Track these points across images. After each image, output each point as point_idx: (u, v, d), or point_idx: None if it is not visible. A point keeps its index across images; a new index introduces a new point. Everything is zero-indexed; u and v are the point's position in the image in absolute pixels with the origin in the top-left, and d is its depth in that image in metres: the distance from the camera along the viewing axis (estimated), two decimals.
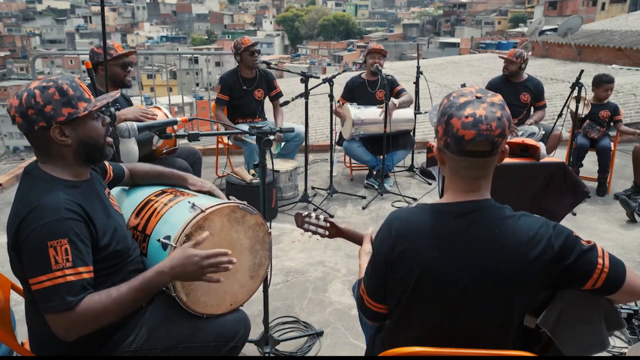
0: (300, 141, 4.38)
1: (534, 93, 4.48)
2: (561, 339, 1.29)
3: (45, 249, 1.29)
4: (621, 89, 7.36)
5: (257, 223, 1.82)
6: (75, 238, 1.33)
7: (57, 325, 1.31)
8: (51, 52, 17.94)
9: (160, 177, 1.97)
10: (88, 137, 1.45)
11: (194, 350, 1.62)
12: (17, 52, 56.41)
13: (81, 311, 1.30)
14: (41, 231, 1.31)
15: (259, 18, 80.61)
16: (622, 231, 3.72)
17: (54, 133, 1.39)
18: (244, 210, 1.77)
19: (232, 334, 1.70)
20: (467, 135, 1.15)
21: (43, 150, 1.44)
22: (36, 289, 1.30)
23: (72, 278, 1.30)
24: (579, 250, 1.19)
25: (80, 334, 1.34)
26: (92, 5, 76.41)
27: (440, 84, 8.90)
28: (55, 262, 1.29)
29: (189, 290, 1.62)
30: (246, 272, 1.82)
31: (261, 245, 1.85)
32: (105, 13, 2.26)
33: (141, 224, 1.74)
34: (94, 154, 1.49)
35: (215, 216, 1.68)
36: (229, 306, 1.77)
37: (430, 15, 74.63)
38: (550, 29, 16.98)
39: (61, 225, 1.32)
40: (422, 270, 1.21)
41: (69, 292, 1.29)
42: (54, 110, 1.37)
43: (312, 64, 44.74)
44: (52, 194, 1.37)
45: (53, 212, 1.33)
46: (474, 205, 1.22)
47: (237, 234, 1.76)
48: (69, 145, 1.42)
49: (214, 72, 33.35)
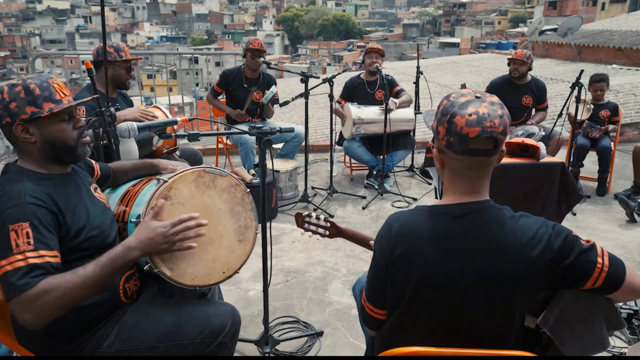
0: (300, 141, 4.39)
1: (536, 95, 4.43)
2: (561, 339, 1.29)
3: (6, 233, 1.29)
4: (621, 89, 7.35)
5: (231, 184, 1.76)
6: (37, 222, 1.33)
7: (19, 309, 1.26)
8: (51, 52, 17.92)
9: (136, 169, 1.99)
10: (54, 138, 1.48)
11: (180, 348, 1.58)
12: (17, 52, 56.43)
13: (41, 290, 1.25)
14: (3, 216, 1.32)
15: (259, 18, 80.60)
16: (622, 231, 3.72)
17: (17, 130, 1.44)
18: (212, 173, 1.71)
19: (218, 329, 1.65)
20: (471, 133, 1.15)
21: (14, 144, 1.50)
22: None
23: (34, 261, 1.28)
24: (578, 250, 1.19)
25: (47, 317, 1.28)
26: (92, 5, 76.38)
27: (440, 84, 8.90)
28: (16, 245, 1.28)
29: (171, 264, 1.58)
30: (232, 236, 1.76)
31: (242, 206, 1.78)
32: (105, 13, 2.26)
33: (121, 214, 1.74)
34: (62, 154, 1.51)
35: (180, 184, 1.64)
36: (222, 274, 1.72)
37: (430, 15, 74.62)
38: (550, 29, 16.98)
39: (22, 209, 1.33)
40: (422, 272, 1.21)
41: (29, 273, 1.26)
42: (17, 107, 1.42)
43: (312, 64, 44.73)
44: (18, 183, 1.40)
45: (16, 198, 1.35)
46: (473, 206, 1.22)
47: (210, 199, 1.71)
48: (33, 142, 1.47)
49: (214, 72, 33.36)
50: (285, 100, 3.95)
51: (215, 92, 4.49)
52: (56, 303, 1.28)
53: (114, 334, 1.53)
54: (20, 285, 1.25)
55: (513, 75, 4.40)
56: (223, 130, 4.93)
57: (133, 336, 1.55)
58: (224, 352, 1.69)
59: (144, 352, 1.55)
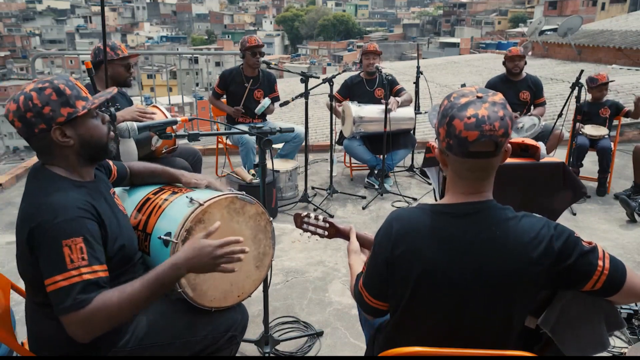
0: (300, 141, 4.39)
1: (533, 90, 4.49)
2: (561, 339, 1.29)
3: (60, 248, 1.27)
4: (621, 89, 7.35)
5: (258, 212, 1.81)
6: (90, 237, 1.32)
7: (73, 325, 1.27)
8: (51, 52, 17.94)
9: (154, 175, 1.95)
10: (90, 136, 1.44)
11: (193, 344, 1.60)
12: (17, 52, 56.40)
13: (95, 308, 1.26)
14: (55, 230, 1.28)
15: (259, 18, 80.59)
16: (622, 231, 3.71)
17: (55, 134, 1.37)
18: (243, 200, 1.76)
19: (229, 322, 1.68)
20: (470, 137, 1.13)
21: (46, 152, 1.42)
22: (51, 290, 1.27)
23: (88, 276, 1.28)
24: (579, 252, 1.18)
25: (97, 334, 1.30)
26: (92, 5, 76.37)
27: (440, 84, 8.90)
28: (70, 261, 1.27)
29: (194, 284, 1.61)
30: (251, 262, 1.82)
31: (264, 234, 1.84)
32: (105, 13, 2.26)
33: (141, 222, 1.74)
34: (97, 153, 1.49)
35: (214, 209, 1.67)
36: (236, 298, 1.76)
37: (430, 15, 74.61)
38: (550, 29, 16.98)
39: (76, 224, 1.30)
40: (422, 271, 1.21)
41: (84, 290, 1.26)
42: (52, 111, 1.35)
43: (312, 64, 44.71)
44: (61, 192, 1.35)
45: (66, 211, 1.31)
46: (475, 206, 1.22)
47: (238, 225, 1.76)
48: (71, 145, 1.41)
49: (214, 72, 33.37)
50: (285, 100, 3.95)
51: (216, 93, 4.50)
52: (107, 321, 1.29)
53: (130, 333, 1.53)
54: (77, 303, 1.25)
55: (514, 72, 4.46)
56: (223, 130, 4.93)
57: (149, 334, 1.55)
58: (233, 346, 1.71)
59: (159, 349, 1.56)
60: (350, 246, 1.68)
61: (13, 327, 1.66)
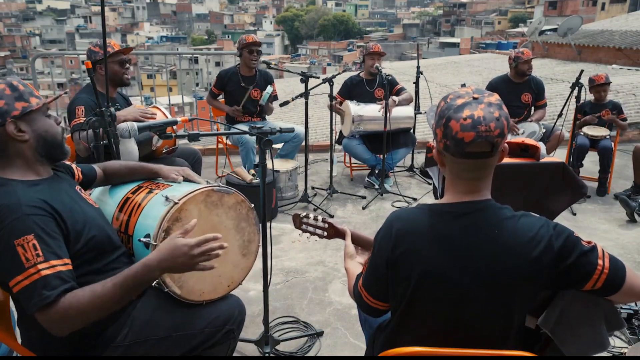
0: (300, 141, 4.39)
1: (535, 92, 4.48)
2: (561, 340, 1.29)
3: (13, 249, 1.27)
4: (621, 89, 7.35)
5: (237, 201, 1.80)
6: (42, 233, 1.31)
7: (46, 322, 1.28)
8: (51, 52, 17.95)
9: (133, 172, 1.94)
10: (45, 132, 1.46)
11: (190, 338, 1.60)
12: (17, 52, 56.42)
13: (64, 306, 1.27)
14: (4, 232, 1.29)
15: (259, 18, 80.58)
16: (622, 231, 3.72)
17: (10, 128, 1.40)
18: (220, 192, 1.74)
19: (226, 317, 1.69)
20: (466, 138, 1.14)
21: (0, 150, 1.43)
22: (17, 290, 1.28)
23: (47, 272, 1.28)
24: (579, 251, 1.18)
25: (73, 329, 1.31)
26: (92, 5, 76.38)
27: (440, 84, 8.90)
28: (26, 259, 1.27)
29: (180, 282, 1.60)
30: (237, 252, 1.82)
31: (246, 222, 1.83)
32: (105, 13, 2.26)
33: (123, 223, 1.72)
34: (53, 150, 1.50)
35: (190, 205, 1.66)
36: (226, 288, 1.77)
37: (430, 15, 74.59)
38: (550, 29, 16.97)
39: (25, 222, 1.30)
40: (422, 271, 1.21)
41: (46, 286, 1.27)
42: (7, 104, 1.39)
43: (312, 64, 44.74)
44: (8, 195, 1.35)
45: (13, 211, 1.31)
46: (474, 205, 1.22)
47: (218, 217, 1.74)
48: (26, 140, 1.43)
49: (214, 72, 33.32)
50: (285, 100, 3.95)
51: (213, 93, 4.50)
52: (80, 318, 1.30)
53: (127, 328, 1.54)
54: (43, 298, 1.26)
55: (527, 74, 4.43)
56: (223, 130, 4.93)
57: (146, 328, 1.56)
58: (230, 340, 1.71)
59: (155, 342, 1.56)
60: (345, 250, 1.69)
61: (13, 327, 1.66)
